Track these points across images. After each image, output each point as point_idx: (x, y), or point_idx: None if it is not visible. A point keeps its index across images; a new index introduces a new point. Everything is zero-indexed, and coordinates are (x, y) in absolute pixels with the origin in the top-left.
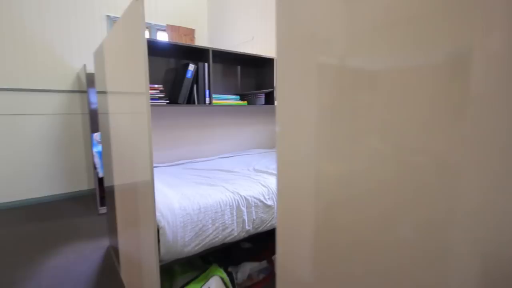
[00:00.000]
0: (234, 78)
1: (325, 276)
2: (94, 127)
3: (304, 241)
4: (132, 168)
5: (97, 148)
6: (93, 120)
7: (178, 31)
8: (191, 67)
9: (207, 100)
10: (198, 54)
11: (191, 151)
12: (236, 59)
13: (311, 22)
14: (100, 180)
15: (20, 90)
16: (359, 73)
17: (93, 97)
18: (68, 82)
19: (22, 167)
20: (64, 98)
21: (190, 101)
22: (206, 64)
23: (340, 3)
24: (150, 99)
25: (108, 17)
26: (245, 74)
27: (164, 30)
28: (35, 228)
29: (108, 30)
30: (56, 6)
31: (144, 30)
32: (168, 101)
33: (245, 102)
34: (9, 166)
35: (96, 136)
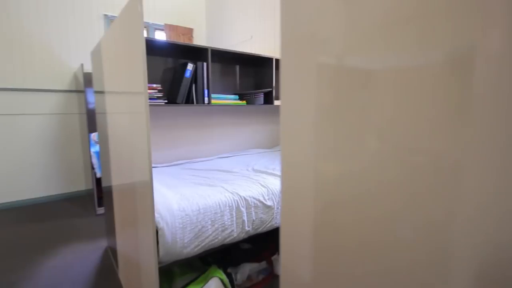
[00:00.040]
0: (233, 78)
1: (328, 276)
2: (92, 127)
3: (306, 241)
4: (131, 168)
5: (95, 148)
6: (91, 120)
7: (176, 31)
8: (190, 67)
9: (206, 100)
10: (197, 54)
11: (190, 151)
12: (235, 59)
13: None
14: (98, 181)
15: (17, 90)
16: (364, 73)
17: (91, 97)
18: (65, 82)
19: (19, 168)
20: (61, 98)
21: (189, 101)
22: (205, 64)
23: (343, 2)
24: (149, 99)
25: (106, 16)
26: (244, 74)
27: (162, 30)
28: (32, 229)
29: (106, 29)
30: (53, 5)
31: (143, 29)
32: (167, 101)
33: (244, 102)
34: (6, 167)
35: (94, 136)
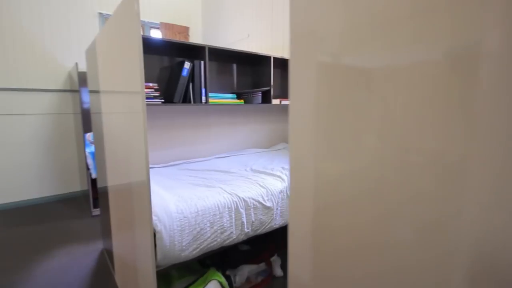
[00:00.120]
0: (230, 77)
1: (329, 277)
2: (87, 127)
3: (315, 242)
4: (127, 169)
5: (90, 149)
6: (86, 120)
7: (172, 29)
8: (187, 65)
9: (203, 99)
10: (193, 52)
11: (187, 151)
12: (232, 57)
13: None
14: (93, 181)
15: (10, 90)
16: (367, 72)
17: (86, 97)
18: (60, 81)
19: (13, 169)
20: (56, 98)
21: (186, 100)
22: (202, 62)
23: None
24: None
25: (101, 15)
26: (241, 73)
27: (158, 28)
28: (27, 231)
29: (101, 28)
30: (47, 3)
31: (140, 27)
32: (163, 100)
33: (242, 101)
34: None
35: (89, 136)
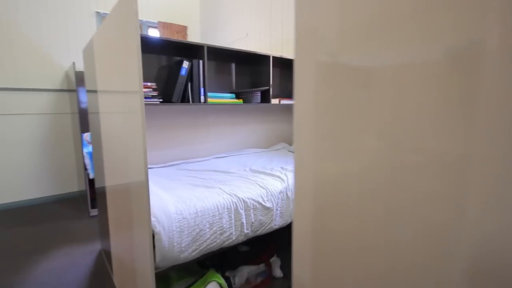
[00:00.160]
0: (229, 76)
1: (331, 278)
2: (84, 127)
3: (320, 242)
4: (125, 169)
5: (88, 149)
6: (83, 120)
7: (170, 28)
8: (186, 64)
9: (202, 99)
10: (192, 51)
11: (185, 151)
12: (231, 56)
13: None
14: (91, 182)
15: (6, 89)
16: (376, 71)
17: (83, 96)
18: (57, 81)
19: (9, 169)
20: (53, 97)
21: (184, 100)
22: (201, 61)
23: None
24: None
25: (98, 14)
26: (240, 72)
27: (156, 27)
28: (24, 232)
29: (98, 27)
30: (44, 2)
31: (138, 26)
32: (161, 100)
33: (241, 101)
34: None
35: (86, 136)
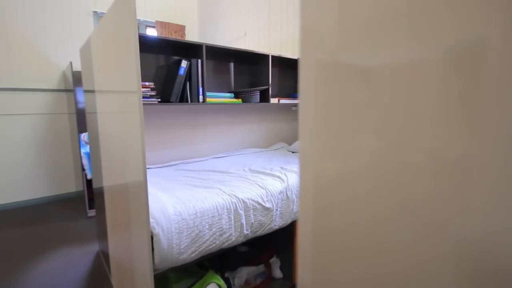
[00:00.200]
0: (227, 76)
1: (332, 278)
2: (82, 127)
3: (318, 242)
4: (124, 169)
5: (85, 149)
6: (81, 120)
7: (168, 28)
8: (184, 64)
9: (201, 98)
10: (190, 50)
11: (184, 151)
12: (229, 56)
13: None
14: (89, 182)
15: (3, 90)
16: (370, 71)
17: (80, 96)
18: (54, 81)
19: (6, 170)
20: (50, 98)
21: (183, 100)
22: (199, 61)
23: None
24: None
25: (95, 13)
26: (239, 71)
27: (153, 27)
28: (21, 233)
29: (95, 26)
30: (41, 1)
31: (136, 25)
32: (160, 100)
33: (239, 100)
34: None
35: (84, 137)
